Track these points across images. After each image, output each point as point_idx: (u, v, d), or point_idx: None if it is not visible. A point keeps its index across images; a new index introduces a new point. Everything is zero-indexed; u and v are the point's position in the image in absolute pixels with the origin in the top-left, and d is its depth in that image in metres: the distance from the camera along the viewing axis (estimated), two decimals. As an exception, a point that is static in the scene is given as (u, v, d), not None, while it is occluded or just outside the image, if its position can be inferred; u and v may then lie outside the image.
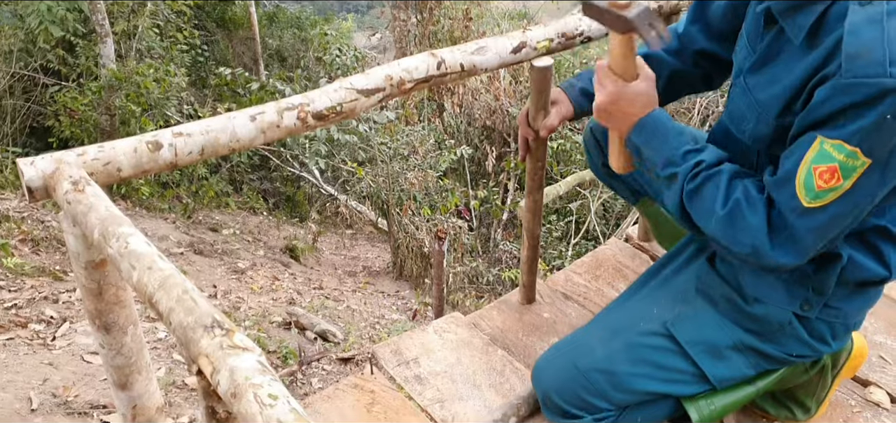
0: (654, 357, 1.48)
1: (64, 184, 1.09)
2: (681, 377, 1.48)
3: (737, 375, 1.49)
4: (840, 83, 1.10)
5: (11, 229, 4.36)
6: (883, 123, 1.07)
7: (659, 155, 1.36)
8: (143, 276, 0.91)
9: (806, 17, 1.20)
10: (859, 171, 1.12)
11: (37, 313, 3.37)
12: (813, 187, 1.15)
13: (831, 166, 1.13)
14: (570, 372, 1.52)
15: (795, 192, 1.18)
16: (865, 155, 1.10)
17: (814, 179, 1.15)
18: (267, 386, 0.72)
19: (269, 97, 6.81)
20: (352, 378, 1.95)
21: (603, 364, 1.49)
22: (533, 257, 2.14)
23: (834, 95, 1.11)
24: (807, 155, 1.15)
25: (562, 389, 1.53)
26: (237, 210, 7.39)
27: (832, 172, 1.13)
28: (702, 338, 1.47)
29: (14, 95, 6.86)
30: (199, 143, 1.24)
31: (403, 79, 1.49)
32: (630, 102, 1.38)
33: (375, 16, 16.70)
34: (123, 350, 1.27)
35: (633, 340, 1.50)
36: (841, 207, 1.16)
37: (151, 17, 7.86)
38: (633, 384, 1.48)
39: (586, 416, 1.52)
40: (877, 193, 1.17)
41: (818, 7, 1.18)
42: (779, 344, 1.45)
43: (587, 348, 1.54)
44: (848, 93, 1.09)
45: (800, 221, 1.19)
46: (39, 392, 2.65)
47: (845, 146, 1.10)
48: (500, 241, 6.94)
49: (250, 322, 4.06)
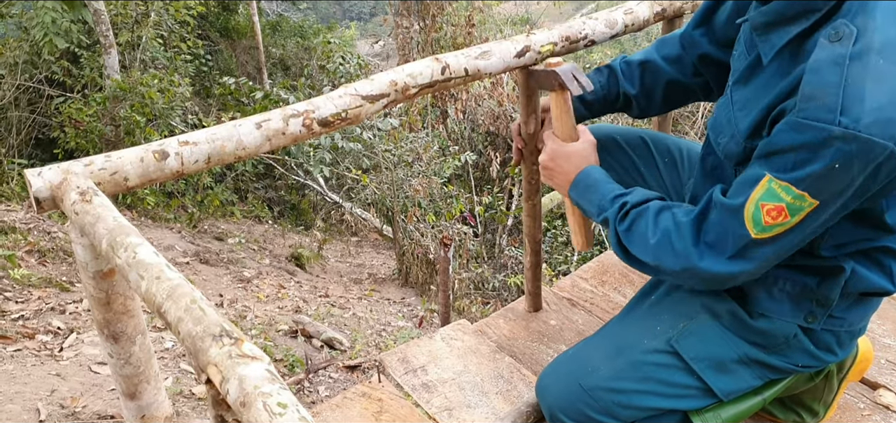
0: (660, 374, 1.46)
1: (71, 194, 1.09)
2: (687, 392, 1.47)
3: (743, 387, 1.47)
4: (792, 120, 1.10)
5: (18, 240, 4.37)
6: (832, 171, 1.07)
7: (592, 205, 1.46)
8: (151, 286, 0.91)
9: (779, 37, 1.20)
10: (806, 210, 1.13)
11: (44, 324, 3.38)
12: (761, 222, 1.17)
13: (779, 205, 1.14)
14: (575, 391, 1.51)
15: (744, 223, 1.19)
16: (813, 198, 1.11)
17: (762, 215, 1.16)
18: (276, 395, 0.71)
19: (273, 106, 6.83)
20: (359, 387, 1.95)
21: (608, 383, 1.48)
22: (536, 263, 2.14)
23: (786, 130, 1.11)
24: (755, 192, 1.16)
25: (567, 408, 1.52)
26: (242, 219, 7.40)
27: (779, 211, 1.14)
28: (707, 353, 1.45)
29: (19, 106, 6.89)
30: (206, 151, 1.24)
31: (408, 84, 1.49)
32: (566, 159, 1.53)
33: (378, 23, 16.75)
34: (132, 360, 1.27)
35: (638, 358, 1.48)
36: (786, 239, 1.18)
37: (155, 27, 7.90)
38: (639, 401, 1.46)
39: None
40: (825, 224, 1.18)
41: (792, 29, 1.17)
42: (784, 356, 1.43)
43: (591, 366, 1.52)
44: (799, 131, 1.09)
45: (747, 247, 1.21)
46: (47, 403, 2.65)
47: (793, 189, 1.11)
48: (505, 246, 6.93)
49: (257, 331, 4.06)
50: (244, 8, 10.81)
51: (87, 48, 7.17)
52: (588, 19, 1.80)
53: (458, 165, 7.32)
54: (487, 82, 8.19)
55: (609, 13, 1.83)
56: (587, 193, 1.48)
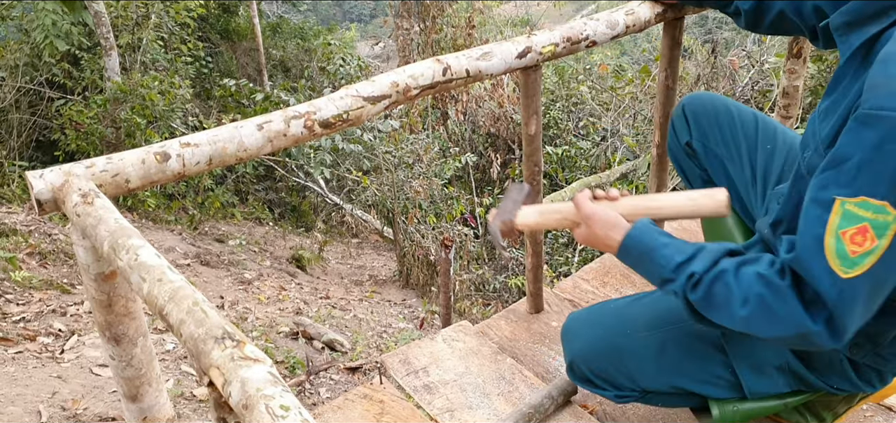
0: (698, 360, 1.46)
1: (73, 196, 1.09)
2: (717, 381, 1.46)
3: (772, 390, 1.46)
4: (859, 114, 0.99)
5: (19, 242, 4.37)
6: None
7: (653, 276, 1.30)
8: (153, 288, 0.91)
9: (858, 37, 1.12)
10: (894, 226, 0.98)
11: (45, 326, 3.38)
12: (847, 255, 1.02)
13: (861, 227, 0.99)
14: (605, 348, 1.50)
15: (829, 265, 1.03)
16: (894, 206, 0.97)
17: (846, 246, 1.01)
18: (278, 397, 0.71)
19: (274, 108, 6.83)
20: (361, 388, 1.95)
21: (642, 351, 1.46)
22: (537, 264, 2.14)
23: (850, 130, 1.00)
24: (830, 222, 1.02)
25: (591, 360, 1.52)
26: (243, 221, 7.40)
27: (863, 233, 1.00)
28: (751, 353, 1.42)
29: (20, 108, 6.89)
30: (207, 153, 1.24)
31: (409, 85, 1.49)
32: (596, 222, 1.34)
33: (378, 25, 16.77)
34: (133, 362, 1.27)
35: (681, 338, 1.46)
36: (883, 268, 1.02)
37: (155, 29, 7.90)
38: (668, 378, 1.46)
39: (610, 390, 1.53)
40: None
41: (871, 28, 1.09)
42: (824, 377, 1.41)
43: (631, 329, 1.50)
44: (864, 126, 0.98)
45: (842, 296, 1.05)
46: (48, 406, 2.65)
47: (870, 202, 0.98)
48: (506, 248, 6.93)
49: (258, 333, 4.06)
50: (244, 10, 10.82)
51: (88, 50, 7.17)
52: (589, 20, 1.80)
53: (459, 166, 7.32)
54: (488, 84, 8.19)
55: (610, 14, 1.83)
56: (642, 262, 1.30)
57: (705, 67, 6.64)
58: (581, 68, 8.86)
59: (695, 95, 1.79)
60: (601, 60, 9.00)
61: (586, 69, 8.76)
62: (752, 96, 6.38)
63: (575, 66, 8.94)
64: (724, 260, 1.20)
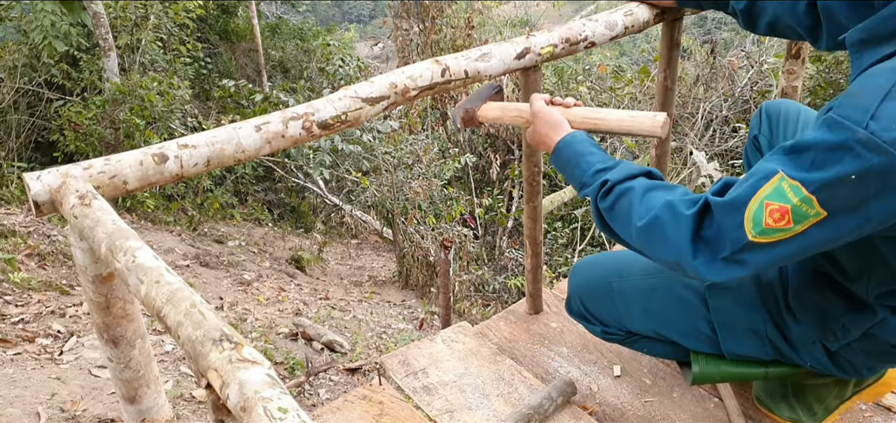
0: (682, 310, 1.53)
1: (70, 198, 1.09)
2: (697, 334, 1.53)
3: (750, 354, 1.51)
4: (825, 117, 1.03)
5: (18, 243, 4.37)
6: (847, 180, 0.99)
7: (573, 179, 1.39)
8: (151, 290, 0.91)
9: (870, 56, 1.13)
10: (811, 220, 1.04)
11: (44, 327, 3.37)
12: (761, 223, 1.08)
13: (783, 207, 1.05)
14: (603, 287, 1.62)
15: (743, 222, 1.10)
16: (821, 206, 1.03)
17: (764, 215, 1.08)
18: (276, 400, 0.71)
19: (273, 108, 6.82)
20: (360, 389, 1.94)
21: (632, 294, 1.57)
22: (536, 265, 2.14)
23: (815, 127, 1.04)
24: (763, 188, 1.08)
25: (587, 296, 1.65)
26: (242, 222, 7.40)
27: (783, 214, 1.06)
28: (730, 313, 1.49)
29: (19, 109, 6.88)
30: (205, 154, 1.24)
31: (408, 86, 1.48)
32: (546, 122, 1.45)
33: (377, 26, 16.78)
34: (132, 364, 1.27)
35: (670, 286, 1.54)
36: (786, 248, 1.09)
37: (154, 30, 7.90)
38: (652, 323, 1.56)
39: (598, 326, 1.68)
40: (825, 244, 1.09)
41: (884, 49, 1.10)
42: (798, 352, 1.46)
43: (627, 272, 1.60)
44: (827, 129, 1.01)
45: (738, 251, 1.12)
46: (47, 407, 2.64)
47: (802, 190, 1.03)
48: (505, 248, 6.93)
49: (257, 334, 4.06)
50: (243, 10, 10.81)
51: (87, 51, 7.17)
52: (588, 21, 1.80)
53: (458, 167, 7.32)
54: (487, 84, 8.17)
55: (609, 15, 1.83)
56: (570, 165, 1.39)
57: (704, 68, 6.65)
58: (580, 69, 8.86)
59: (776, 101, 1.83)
60: (600, 61, 9.00)
61: (585, 70, 8.76)
62: (751, 97, 6.39)
63: (574, 66, 8.94)
64: (638, 179, 1.29)
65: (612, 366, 2.00)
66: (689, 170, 5.65)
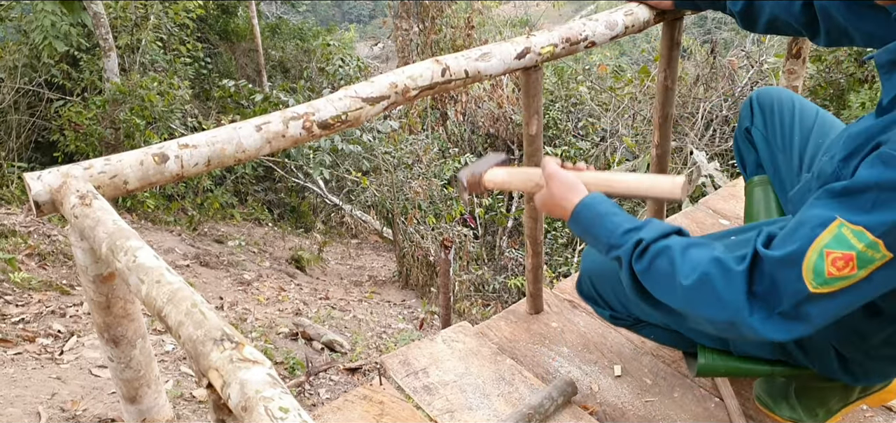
0: None
1: (71, 198, 1.09)
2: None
3: (757, 352, 1.51)
4: (882, 153, 0.97)
5: (18, 243, 4.37)
6: None
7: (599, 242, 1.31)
8: (151, 290, 0.91)
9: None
10: (878, 263, 0.98)
11: (44, 327, 3.37)
12: (823, 273, 1.01)
13: (848, 254, 0.99)
14: (610, 270, 1.58)
15: (802, 275, 1.03)
16: (888, 249, 0.97)
17: (825, 265, 1.01)
18: (278, 399, 0.71)
19: (273, 108, 6.83)
20: (360, 389, 1.94)
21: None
22: (537, 264, 2.13)
23: (872, 165, 0.99)
24: (821, 237, 1.01)
25: (598, 279, 1.63)
26: (242, 222, 7.40)
27: (847, 261, 0.99)
28: None
29: (19, 110, 6.89)
30: (205, 154, 1.24)
31: (408, 86, 1.48)
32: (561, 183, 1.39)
33: (377, 26, 16.78)
34: (132, 364, 1.27)
35: None
36: (850, 296, 1.03)
37: (154, 30, 7.90)
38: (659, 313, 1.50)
39: (607, 310, 1.66)
40: (888, 286, 1.04)
41: None
42: (808, 355, 1.43)
43: None
44: (887, 166, 0.96)
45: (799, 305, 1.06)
46: (48, 407, 2.65)
47: (867, 235, 0.97)
48: (505, 248, 6.93)
49: (257, 334, 4.06)
50: (243, 10, 10.81)
51: (87, 51, 7.17)
52: (588, 21, 1.80)
53: (459, 167, 7.32)
54: (487, 84, 8.19)
55: (609, 15, 1.83)
56: (592, 227, 1.32)
57: (704, 68, 6.65)
58: (580, 69, 8.87)
59: (766, 88, 1.82)
60: (600, 61, 9.01)
61: (585, 70, 8.77)
62: (751, 96, 6.38)
63: (574, 66, 8.95)
64: (672, 237, 1.21)
65: (612, 366, 2.00)
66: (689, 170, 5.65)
